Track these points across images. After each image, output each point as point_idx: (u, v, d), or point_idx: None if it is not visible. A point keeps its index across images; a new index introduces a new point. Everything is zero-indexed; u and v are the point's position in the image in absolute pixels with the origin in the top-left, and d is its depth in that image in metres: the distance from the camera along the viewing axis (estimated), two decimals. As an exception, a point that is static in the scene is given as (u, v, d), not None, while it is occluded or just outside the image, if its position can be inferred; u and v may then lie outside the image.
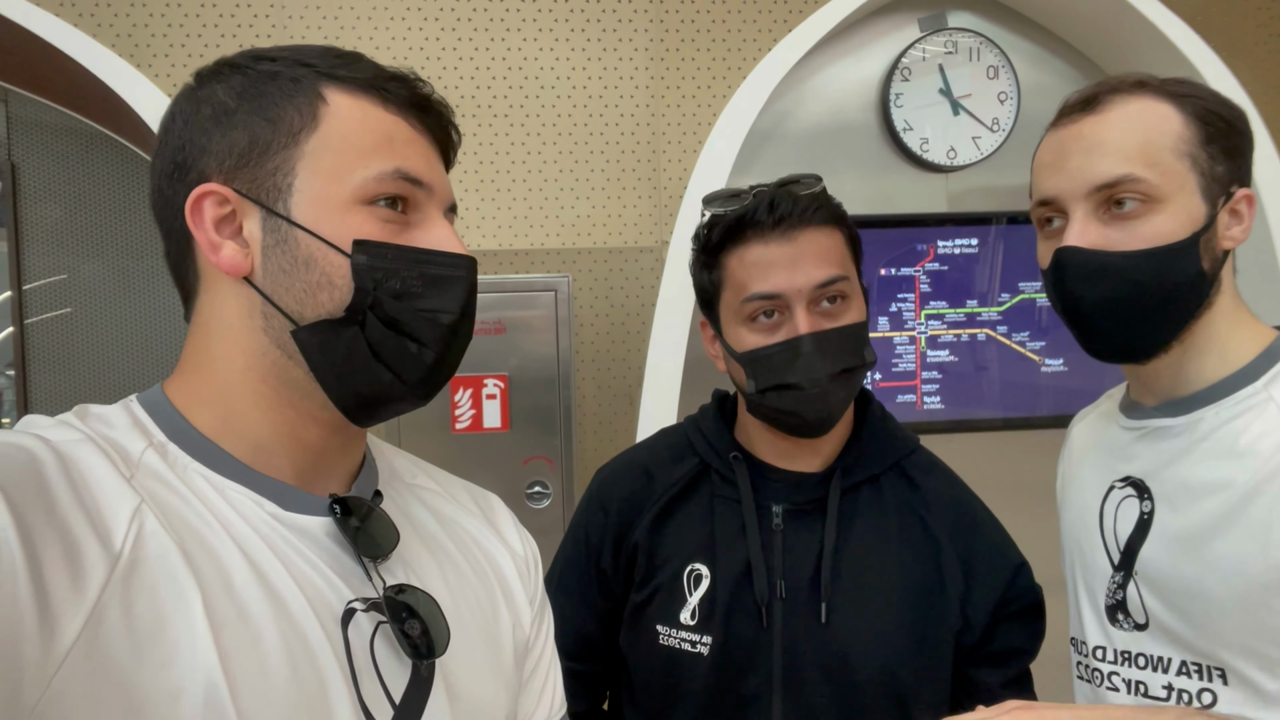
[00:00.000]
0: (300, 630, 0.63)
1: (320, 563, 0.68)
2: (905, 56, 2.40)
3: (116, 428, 0.65)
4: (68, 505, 0.57)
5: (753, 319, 1.07)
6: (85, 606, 0.55)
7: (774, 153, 2.35)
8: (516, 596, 0.83)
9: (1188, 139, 0.92)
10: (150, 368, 2.46)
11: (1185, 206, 0.91)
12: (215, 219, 0.67)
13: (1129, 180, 0.90)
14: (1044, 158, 0.98)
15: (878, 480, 1.14)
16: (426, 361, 0.70)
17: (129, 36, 1.96)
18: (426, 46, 2.06)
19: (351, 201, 0.67)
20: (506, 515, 0.89)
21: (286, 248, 0.67)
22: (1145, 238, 0.90)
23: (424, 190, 0.70)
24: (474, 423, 2.05)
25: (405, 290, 0.68)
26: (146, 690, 0.56)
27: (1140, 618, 0.98)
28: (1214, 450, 0.93)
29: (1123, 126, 0.92)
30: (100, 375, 2.45)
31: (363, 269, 0.67)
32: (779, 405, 1.06)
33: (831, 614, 1.07)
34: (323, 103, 0.68)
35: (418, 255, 0.69)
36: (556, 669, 0.88)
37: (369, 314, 0.67)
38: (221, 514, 0.65)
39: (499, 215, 2.11)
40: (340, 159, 0.67)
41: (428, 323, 0.69)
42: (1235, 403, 0.93)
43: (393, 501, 0.78)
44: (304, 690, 0.62)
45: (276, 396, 0.69)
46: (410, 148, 0.70)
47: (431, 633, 0.69)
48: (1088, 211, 0.92)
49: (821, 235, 1.07)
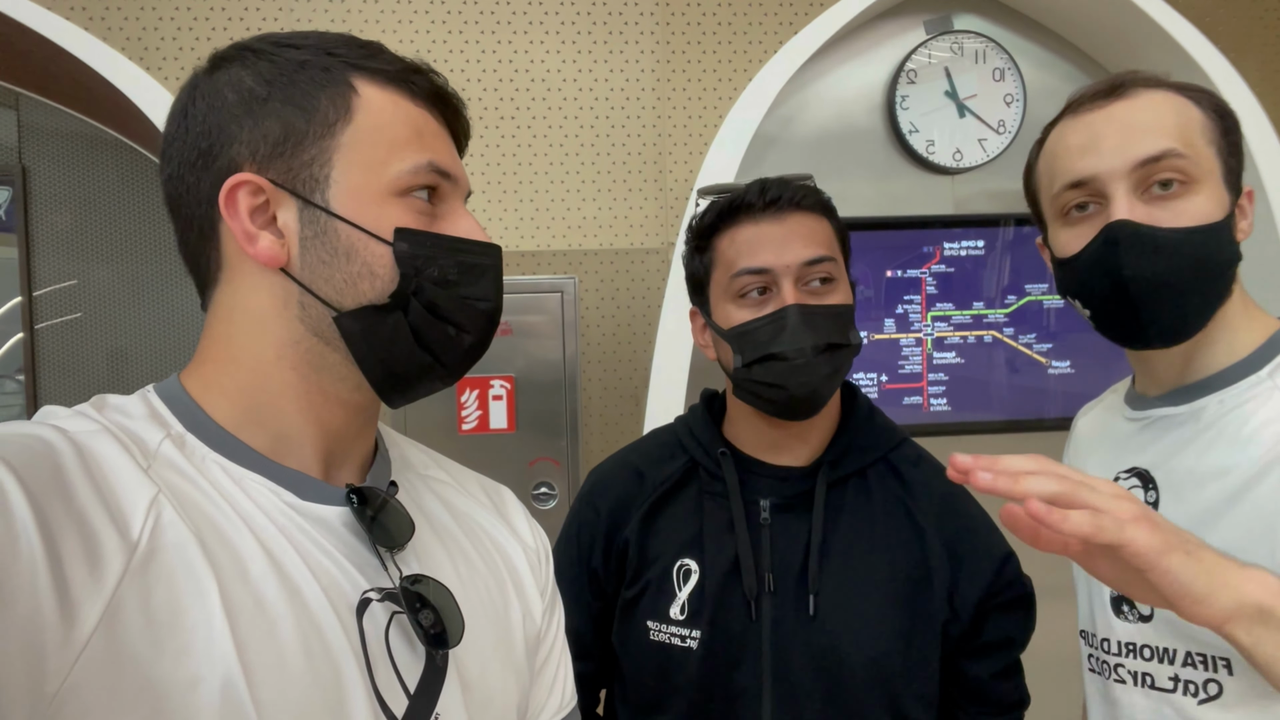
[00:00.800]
0: (316, 620, 0.64)
1: (336, 553, 0.68)
2: (911, 59, 2.40)
3: (134, 418, 0.66)
4: (85, 496, 0.57)
5: (741, 295, 1.09)
6: (104, 596, 0.55)
7: (780, 155, 2.35)
8: (528, 588, 0.84)
9: (1210, 128, 0.93)
10: (160, 372, 2.47)
11: (1215, 190, 0.92)
12: (250, 209, 0.67)
13: (1172, 155, 0.90)
14: (1071, 140, 0.96)
15: (865, 474, 1.15)
16: (464, 345, 0.73)
17: (139, 40, 1.98)
18: (434, 48, 2.07)
19: (388, 193, 0.69)
20: (518, 507, 0.90)
21: (326, 239, 0.67)
22: (1189, 216, 0.90)
23: (450, 182, 0.72)
24: (480, 424, 2.05)
25: (443, 278, 0.70)
26: (164, 680, 0.56)
27: (1145, 609, 0.98)
28: (1218, 438, 0.93)
29: (1156, 109, 0.92)
30: (109, 380, 2.46)
31: (405, 257, 0.68)
32: (765, 378, 1.07)
33: (819, 606, 1.08)
34: (355, 94, 0.69)
35: (454, 244, 0.71)
36: (567, 661, 0.89)
37: (412, 300, 0.69)
38: (238, 504, 0.65)
39: (505, 216, 2.12)
40: (376, 151, 0.68)
41: (467, 308, 0.72)
42: (1239, 390, 0.93)
43: (406, 492, 0.78)
44: (319, 679, 0.62)
45: (305, 384, 0.69)
46: (437, 140, 0.72)
47: (446, 623, 0.70)
48: (1129, 189, 0.91)
49: (810, 219, 1.11)
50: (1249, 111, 2.20)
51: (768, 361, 1.07)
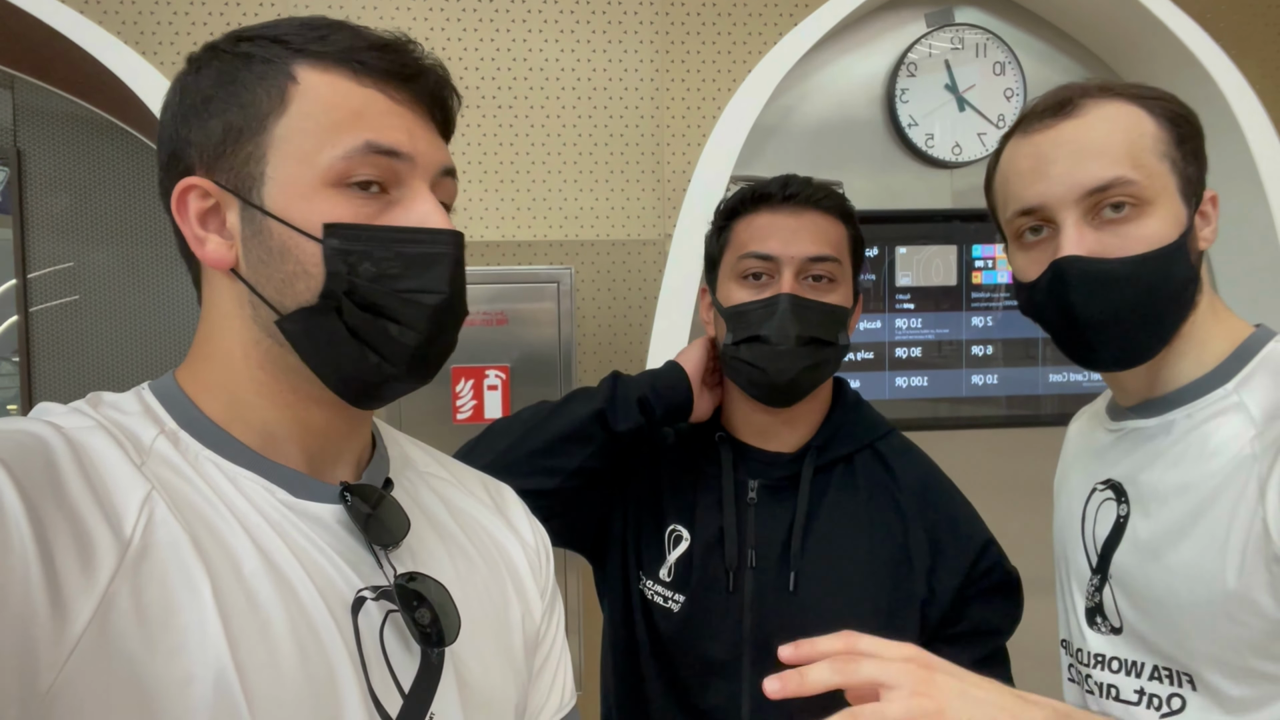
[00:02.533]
0: (310, 618, 0.64)
1: (331, 550, 0.67)
2: (911, 52, 2.39)
3: (128, 415, 0.66)
4: (78, 492, 0.57)
5: (744, 277, 1.16)
6: (96, 593, 0.55)
7: (779, 147, 2.35)
8: (527, 587, 0.83)
9: (1164, 140, 0.91)
10: (156, 357, 2.47)
11: (1170, 208, 0.90)
12: (199, 212, 0.67)
13: (1121, 182, 0.88)
14: (1021, 165, 0.95)
15: (851, 460, 1.19)
16: (409, 343, 0.68)
17: (135, 24, 1.96)
18: (432, 36, 2.05)
19: (320, 184, 0.65)
20: (519, 506, 0.89)
21: (262, 239, 0.66)
22: (1141, 241, 0.88)
23: (404, 162, 0.67)
24: (475, 413, 2.06)
25: (383, 272, 0.66)
26: (157, 677, 0.56)
27: (1116, 621, 0.98)
28: (1184, 455, 0.92)
29: (1105, 129, 0.90)
30: (104, 364, 2.46)
31: (335, 254, 0.65)
32: (747, 358, 1.13)
33: (799, 583, 1.12)
34: (292, 83, 0.66)
35: (393, 234, 0.67)
36: (567, 661, 0.88)
37: (345, 299, 0.66)
38: (232, 501, 0.65)
39: (502, 206, 2.11)
40: (308, 140, 0.65)
41: (407, 303, 0.67)
42: (1206, 405, 0.92)
43: (404, 490, 0.78)
44: (313, 678, 0.62)
45: (277, 383, 0.69)
46: (386, 119, 0.67)
47: (442, 621, 0.69)
48: (1079, 218, 0.90)
49: (824, 220, 1.16)
50: (1249, 109, 2.20)
51: (753, 342, 1.12)
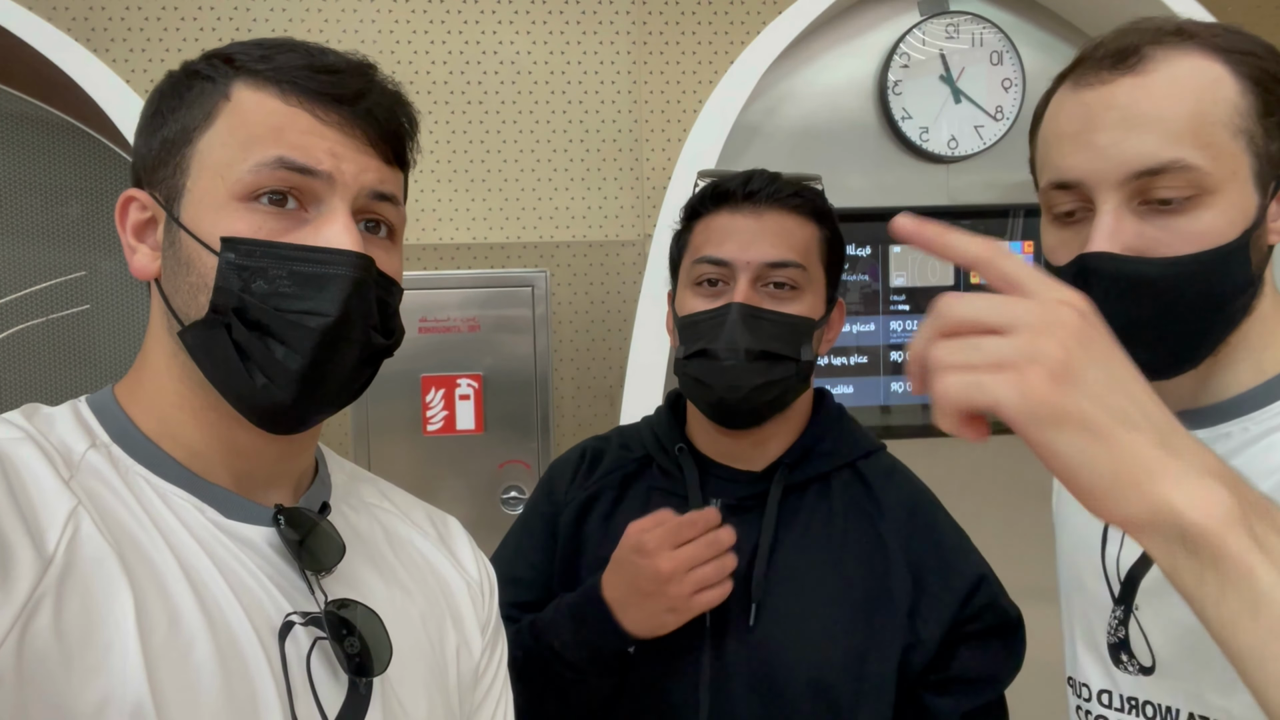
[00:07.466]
0: (235, 641, 0.63)
1: (261, 574, 0.67)
2: (904, 42, 2.30)
3: (60, 428, 0.66)
4: (0, 504, 0.57)
5: (698, 284, 1.06)
6: (12, 608, 0.54)
7: (764, 143, 2.27)
8: (466, 621, 0.83)
9: (1244, 111, 0.74)
10: (92, 378, 2.39)
11: (1238, 197, 0.74)
12: (136, 224, 0.70)
13: (1178, 167, 0.72)
14: (1064, 126, 0.79)
15: (828, 480, 1.08)
16: (293, 366, 0.66)
17: (86, 20, 1.89)
18: (397, 29, 1.98)
19: (230, 198, 0.66)
20: (464, 539, 0.89)
21: (175, 250, 0.67)
22: (1193, 239, 0.73)
23: (321, 180, 0.67)
24: (446, 424, 1.99)
25: (275, 290, 0.65)
26: (73, 699, 0.55)
27: (1146, 659, 0.86)
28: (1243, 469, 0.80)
29: (1170, 92, 0.74)
30: (67, 371, 2.39)
31: (228, 268, 0.65)
32: (695, 374, 1.04)
33: (760, 617, 1.01)
34: (224, 100, 0.68)
35: (289, 252, 0.66)
36: (508, 699, 0.87)
37: (233, 316, 0.65)
38: (161, 519, 0.64)
39: (473, 207, 2.03)
40: (225, 153, 0.67)
41: (293, 325, 0.65)
42: (1272, 415, 0.77)
43: (343, 517, 0.77)
44: (235, 704, 0.62)
45: (196, 399, 0.69)
46: (307, 138, 0.67)
47: (372, 650, 0.69)
48: (1120, 203, 0.75)
49: (790, 220, 1.05)
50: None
51: (701, 357, 1.03)
